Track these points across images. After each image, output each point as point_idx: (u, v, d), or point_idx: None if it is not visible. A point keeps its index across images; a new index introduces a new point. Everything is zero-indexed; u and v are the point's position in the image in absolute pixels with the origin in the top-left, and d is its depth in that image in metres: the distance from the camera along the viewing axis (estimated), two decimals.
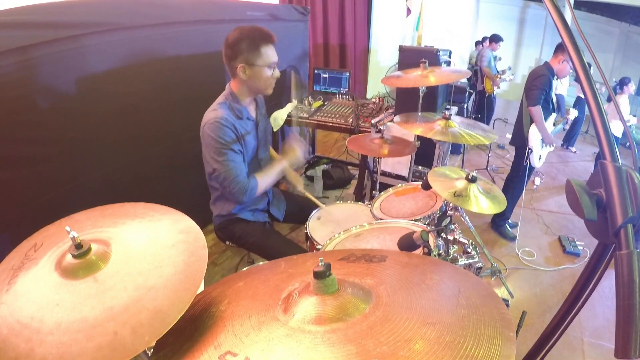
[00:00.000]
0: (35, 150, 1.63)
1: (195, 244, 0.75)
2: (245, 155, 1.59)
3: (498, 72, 5.54)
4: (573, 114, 2.86)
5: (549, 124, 2.75)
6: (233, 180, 1.49)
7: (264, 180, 1.59)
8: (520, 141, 2.82)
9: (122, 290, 0.65)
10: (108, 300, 0.64)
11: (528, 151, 2.72)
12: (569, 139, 5.40)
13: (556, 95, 2.86)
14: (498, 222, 3.10)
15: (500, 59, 5.84)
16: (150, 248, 0.75)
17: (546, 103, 2.69)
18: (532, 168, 2.80)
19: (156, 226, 0.81)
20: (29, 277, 0.70)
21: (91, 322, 0.61)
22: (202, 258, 0.72)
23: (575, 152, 5.32)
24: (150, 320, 0.61)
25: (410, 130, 1.95)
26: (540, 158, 2.81)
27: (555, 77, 2.68)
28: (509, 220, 3.15)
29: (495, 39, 5.65)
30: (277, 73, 1.56)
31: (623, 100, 4.06)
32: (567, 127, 3.16)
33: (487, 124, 5.55)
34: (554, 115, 2.81)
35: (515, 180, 2.93)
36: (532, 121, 2.70)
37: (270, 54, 1.51)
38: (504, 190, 3.00)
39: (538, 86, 2.61)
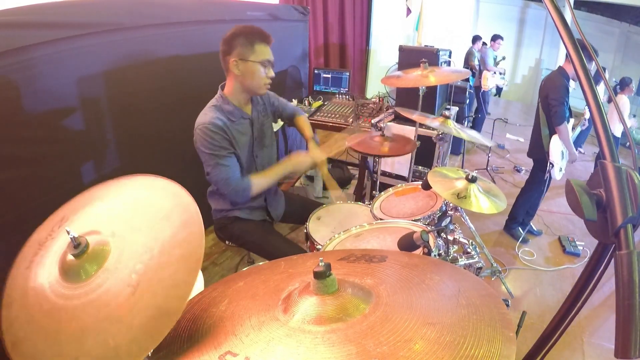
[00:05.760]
0: (35, 150, 1.63)
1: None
2: (240, 155, 1.59)
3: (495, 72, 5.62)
4: (588, 113, 2.80)
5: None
6: (225, 182, 1.50)
7: (260, 181, 1.58)
8: (538, 154, 2.71)
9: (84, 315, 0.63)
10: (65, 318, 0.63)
11: (549, 166, 2.62)
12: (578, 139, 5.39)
13: None
14: (509, 225, 3.08)
15: (504, 58, 5.90)
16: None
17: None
18: (551, 180, 2.72)
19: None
20: (43, 261, 0.72)
21: (62, 339, 0.61)
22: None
23: (583, 153, 5.31)
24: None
25: (408, 116, 1.94)
26: (561, 170, 2.71)
27: (571, 80, 2.54)
28: (534, 228, 3.13)
29: (493, 37, 5.73)
30: (270, 72, 1.55)
31: (623, 101, 4.05)
32: (585, 126, 3.07)
33: (485, 118, 5.62)
34: (572, 120, 2.71)
35: (533, 192, 2.87)
36: (551, 133, 2.59)
37: (264, 51, 1.51)
38: (519, 196, 2.99)
39: (560, 101, 2.46)
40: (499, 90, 7.96)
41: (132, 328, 0.60)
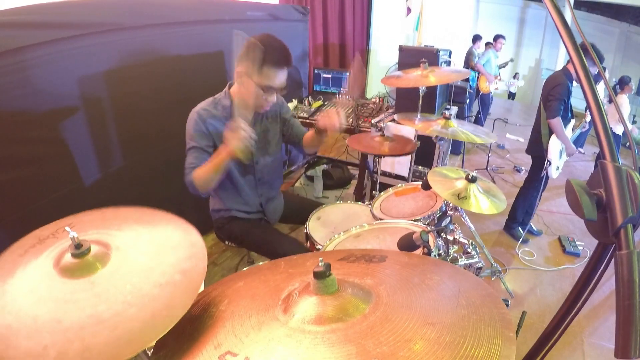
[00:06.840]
0: (35, 150, 1.63)
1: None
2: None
3: (499, 74, 5.57)
4: (589, 116, 2.80)
5: (568, 131, 2.66)
6: (188, 170, 1.43)
7: (200, 171, 1.41)
8: (537, 151, 2.74)
9: (80, 309, 0.63)
10: (62, 313, 0.62)
11: (547, 163, 2.64)
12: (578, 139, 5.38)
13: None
14: (509, 225, 3.08)
15: (512, 60, 5.87)
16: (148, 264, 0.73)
17: (564, 112, 2.59)
18: (548, 178, 2.74)
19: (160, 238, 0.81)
20: (39, 253, 0.73)
21: (38, 323, 0.60)
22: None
23: (583, 153, 5.30)
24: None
25: (410, 126, 1.94)
26: (558, 169, 2.73)
27: (574, 81, 2.54)
28: (534, 228, 3.13)
29: (495, 37, 5.70)
30: (272, 97, 1.48)
31: (623, 100, 4.04)
32: (586, 129, 3.09)
33: (483, 123, 5.56)
34: (572, 121, 2.73)
35: (530, 190, 2.88)
36: (551, 132, 2.61)
37: (271, 76, 1.43)
38: (518, 196, 2.99)
39: (556, 97, 2.50)
40: (512, 95, 7.97)
41: (113, 333, 0.60)
